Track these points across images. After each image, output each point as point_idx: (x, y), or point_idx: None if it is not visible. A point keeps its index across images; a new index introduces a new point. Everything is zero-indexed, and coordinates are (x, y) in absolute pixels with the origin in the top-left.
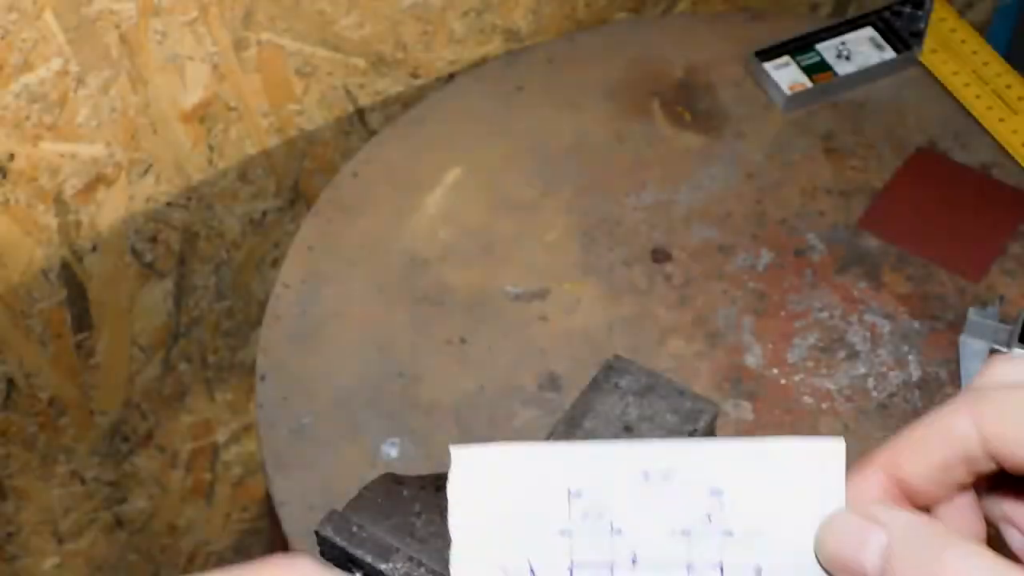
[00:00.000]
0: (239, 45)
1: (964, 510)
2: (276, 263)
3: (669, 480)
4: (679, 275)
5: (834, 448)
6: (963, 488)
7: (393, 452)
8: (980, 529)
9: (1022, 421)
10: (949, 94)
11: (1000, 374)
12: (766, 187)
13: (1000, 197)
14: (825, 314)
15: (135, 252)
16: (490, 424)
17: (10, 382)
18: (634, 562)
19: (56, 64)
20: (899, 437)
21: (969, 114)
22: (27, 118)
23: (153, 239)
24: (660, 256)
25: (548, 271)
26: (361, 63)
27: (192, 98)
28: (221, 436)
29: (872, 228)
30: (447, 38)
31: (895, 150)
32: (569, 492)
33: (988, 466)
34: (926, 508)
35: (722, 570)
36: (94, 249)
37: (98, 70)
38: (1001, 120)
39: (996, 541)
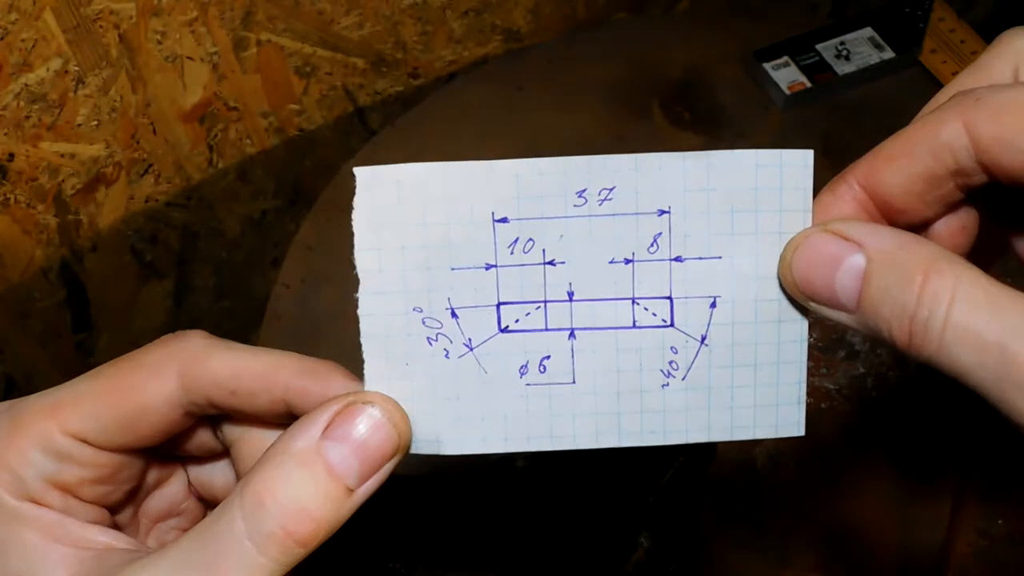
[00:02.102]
0: (239, 45)
1: (960, 231)
2: (276, 263)
3: (608, 200)
4: None
5: (800, 159)
6: (953, 206)
7: None
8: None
9: (1020, 120)
10: None
11: (997, 74)
12: None
13: None
14: None
15: (135, 252)
16: None
17: (10, 382)
18: (570, 297)
19: (56, 64)
20: (877, 148)
21: None
22: (27, 118)
23: (153, 239)
24: None
25: None
26: (361, 63)
27: (192, 98)
28: None
29: None
30: (447, 38)
31: None
32: (493, 218)
33: (980, 178)
34: (913, 230)
35: (671, 302)
36: (94, 249)
37: (98, 70)
38: None
39: None
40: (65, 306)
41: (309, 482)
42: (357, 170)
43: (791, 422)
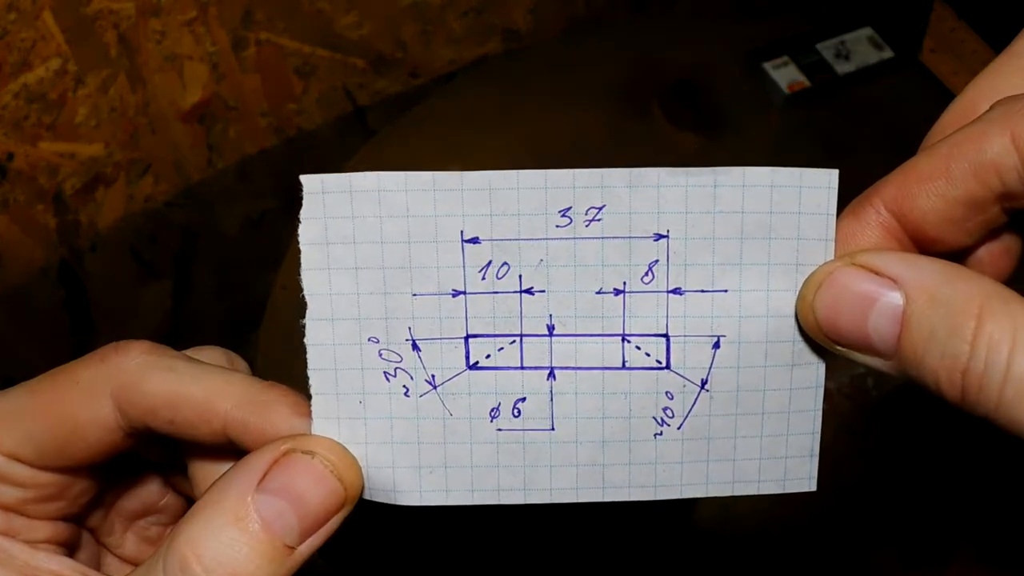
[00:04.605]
0: (238, 45)
1: (1003, 255)
2: (276, 263)
3: (597, 221)
4: None
5: (823, 180)
6: (994, 232)
7: None
8: None
9: None
10: (949, 93)
11: None
12: None
13: None
14: None
15: (134, 252)
16: None
17: (9, 382)
18: (550, 331)
19: (55, 64)
20: (909, 164)
21: None
22: (26, 118)
23: (152, 239)
24: None
25: None
26: (360, 63)
27: (191, 98)
28: None
29: None
30: (446, 38)
31: (894, 150)
32: (462, 238)
33: None
34: (950, 258)
35: (668, 341)
36: (93, 249)
37: (97, 70)
38: None
39: None
40: (64, 306)
41: (241, 541)
42: (304, 178)
43: (801, 476)
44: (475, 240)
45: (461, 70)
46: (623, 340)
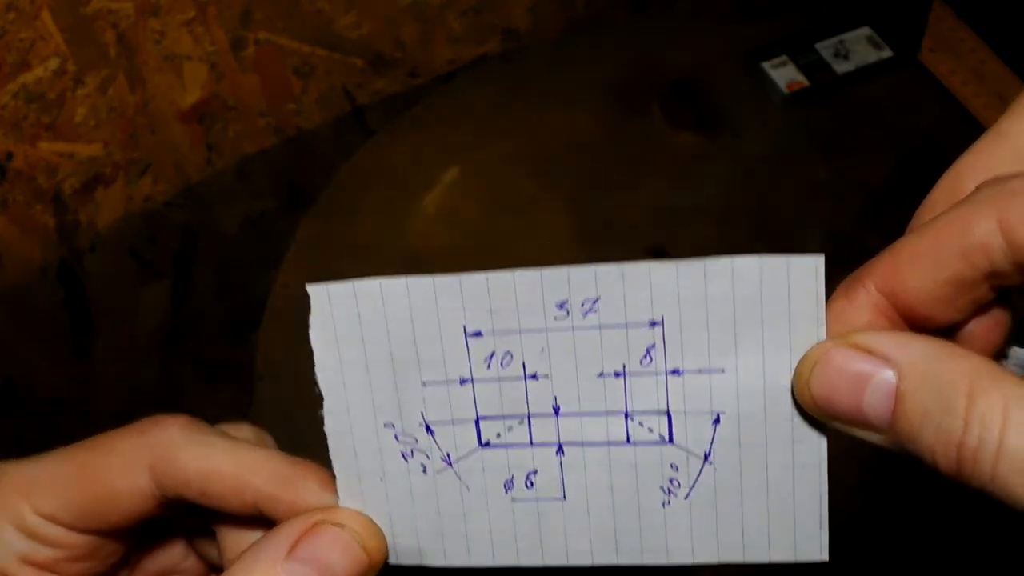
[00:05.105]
0: (237, 44)
1: (993, 328)
2: (276, 263)
3: (592, 312)
4: None
5: (809, 266)
6: (984, 307)
7: None
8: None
9: None
10: (947, 92)
11: None
12: (765, 186)
13: None
14: None
15: (134, 252)
16: None
17: (9, 382)
18: (556, 412)
19: (54, 64)
20: (898, 245)
21: (967, 112)
22: (25, 118)
23: (152, 239)
24: (659, 255)
25: None
26: (359, 62)
27: (190, 98)
28: None
29: (870, 226)
30: (445, 37)
31: (893, 149)
32: (466, 332)
33: (1020, 279)
34: (942, 332)
35: (669, 417)
36: (93, 249)
37: (96, 70)
38: None
39: None
40: (64, 306)
41: None
42: (310, 288)
43: (812, 548)
44: (478, 334)
45: (460, 70)
46: (626, 417)
